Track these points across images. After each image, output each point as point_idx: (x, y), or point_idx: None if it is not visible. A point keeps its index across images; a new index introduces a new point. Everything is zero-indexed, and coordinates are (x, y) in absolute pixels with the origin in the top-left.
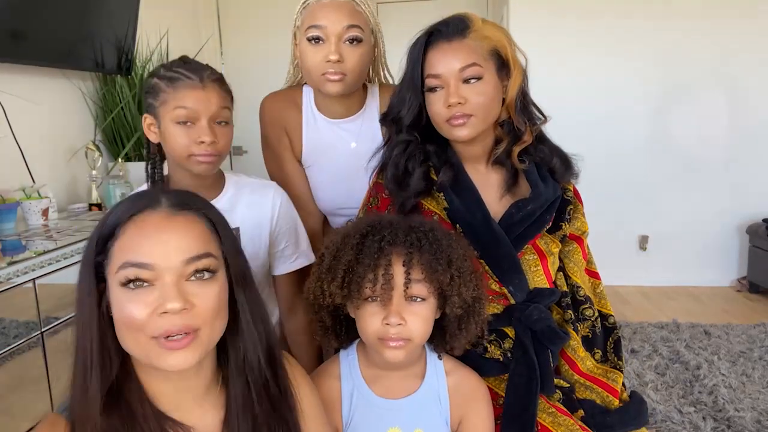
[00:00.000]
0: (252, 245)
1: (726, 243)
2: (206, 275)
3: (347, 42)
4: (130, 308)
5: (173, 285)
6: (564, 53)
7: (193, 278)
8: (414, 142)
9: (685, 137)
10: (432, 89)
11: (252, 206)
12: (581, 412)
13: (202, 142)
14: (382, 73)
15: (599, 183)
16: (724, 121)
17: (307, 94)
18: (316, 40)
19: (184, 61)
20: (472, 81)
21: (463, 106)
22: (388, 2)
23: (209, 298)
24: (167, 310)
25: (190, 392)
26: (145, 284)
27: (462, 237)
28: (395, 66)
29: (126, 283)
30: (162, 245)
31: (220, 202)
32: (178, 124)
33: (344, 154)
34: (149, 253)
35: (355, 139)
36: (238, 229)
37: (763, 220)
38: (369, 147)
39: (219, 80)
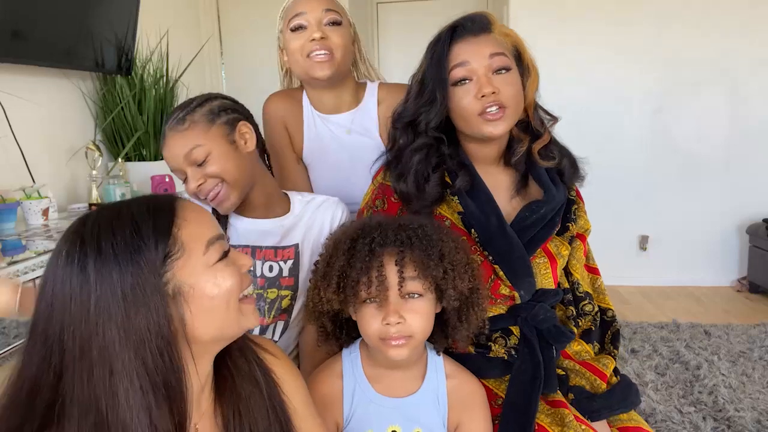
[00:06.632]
0: (311, 263)
1: (726, 243)
2: None
3: (328, 25)
4: None
5: None
6: (564, 53)
7: None
8: (434, 145)
9: (685, 137)
10: (459, 82)
11: (314, 222)
12: (571, 396)
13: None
14: (363, 68)
15: (599, 183)
16: (724, 121)
17: (306, 95)
18: (299, 28)
19: None
20: (503, 71)
21: (496, 95)
22: (388, 2)
23: None
24: None
25: None
26: None
27: (453, 230)
28: (396, 66)
29: None
30: None
31: (285, 221)
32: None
33: (339, 146)
34: None
35: (349, 127)
36: (297, 245)
37: (763, 220)
38: (362, 137)
39: None
